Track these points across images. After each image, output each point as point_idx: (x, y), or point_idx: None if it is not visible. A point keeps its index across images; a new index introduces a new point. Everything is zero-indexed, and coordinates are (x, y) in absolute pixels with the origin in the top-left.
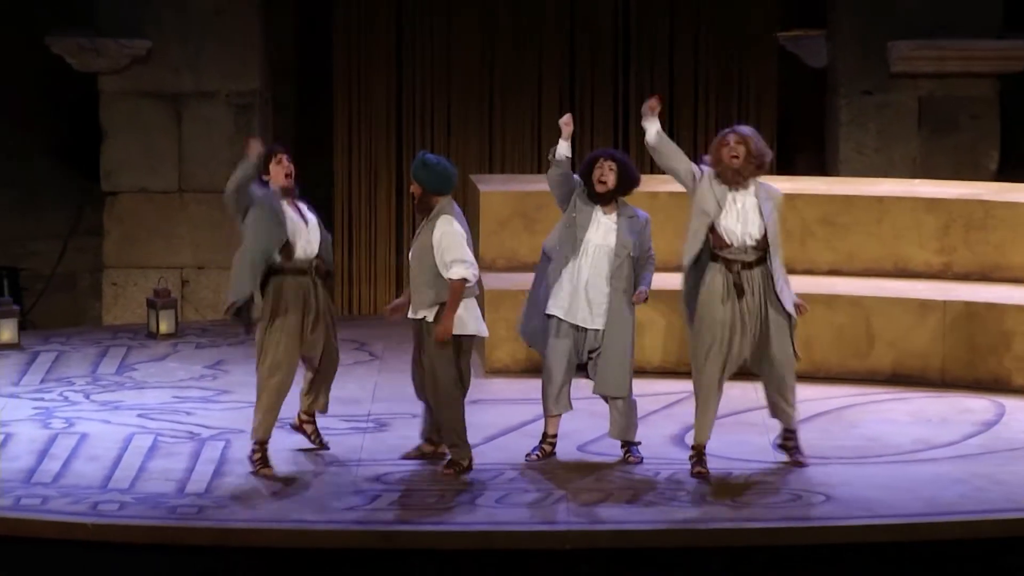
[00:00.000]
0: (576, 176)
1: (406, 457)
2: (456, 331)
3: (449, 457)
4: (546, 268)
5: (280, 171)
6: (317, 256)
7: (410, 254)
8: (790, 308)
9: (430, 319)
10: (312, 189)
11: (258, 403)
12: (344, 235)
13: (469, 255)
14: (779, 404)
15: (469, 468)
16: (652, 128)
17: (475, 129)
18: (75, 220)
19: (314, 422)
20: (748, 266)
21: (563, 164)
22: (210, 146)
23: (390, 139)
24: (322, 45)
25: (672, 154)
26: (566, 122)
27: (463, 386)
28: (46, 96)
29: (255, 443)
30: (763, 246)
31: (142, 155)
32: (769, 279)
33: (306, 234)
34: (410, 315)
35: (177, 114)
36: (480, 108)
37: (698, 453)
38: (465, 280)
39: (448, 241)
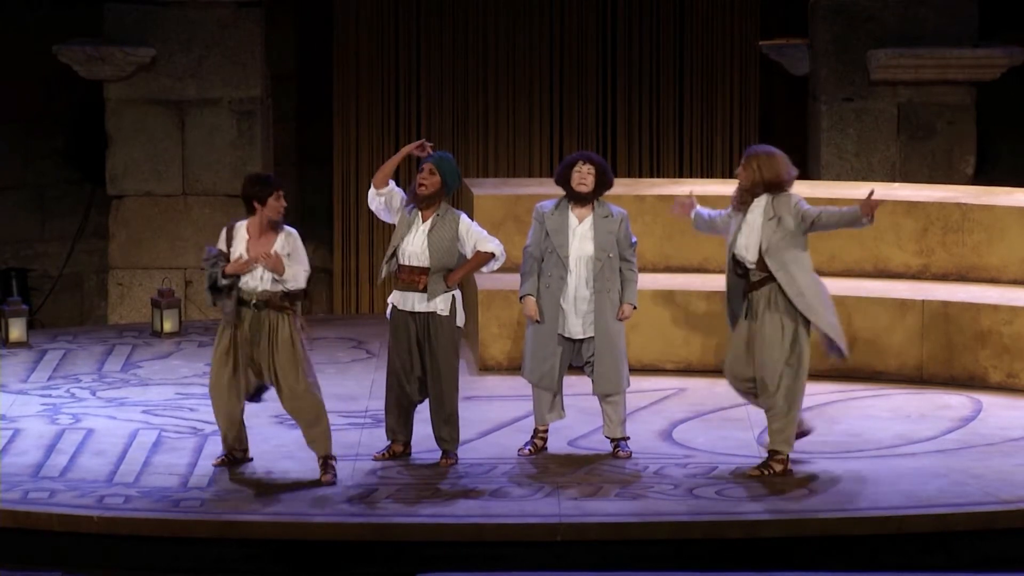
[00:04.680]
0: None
1: (379, 458)
2: (458, 323)
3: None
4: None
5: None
6: (267, 291)
7: (417, 247)
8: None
9: (444, 313)
10: (312, 194)
11: None
12: (343, 238)
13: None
14: (769, 422)
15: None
16: (693, 218)
17: (472, 135)
18: (82, 223)
19: (321, 465)
20: (753, 287)
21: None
22: (213, 151)
23: (388, 146)
24: (323, 53)
25: (716, 225)
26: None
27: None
28: (54, 103)
29: None
30: (763, 266)
31: (147, 160)
32: (779, 296)
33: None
34: (412, 308)
35: (181, 120)
36: (475, 115)
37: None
38: (492, 255)
39: (477, 228)
